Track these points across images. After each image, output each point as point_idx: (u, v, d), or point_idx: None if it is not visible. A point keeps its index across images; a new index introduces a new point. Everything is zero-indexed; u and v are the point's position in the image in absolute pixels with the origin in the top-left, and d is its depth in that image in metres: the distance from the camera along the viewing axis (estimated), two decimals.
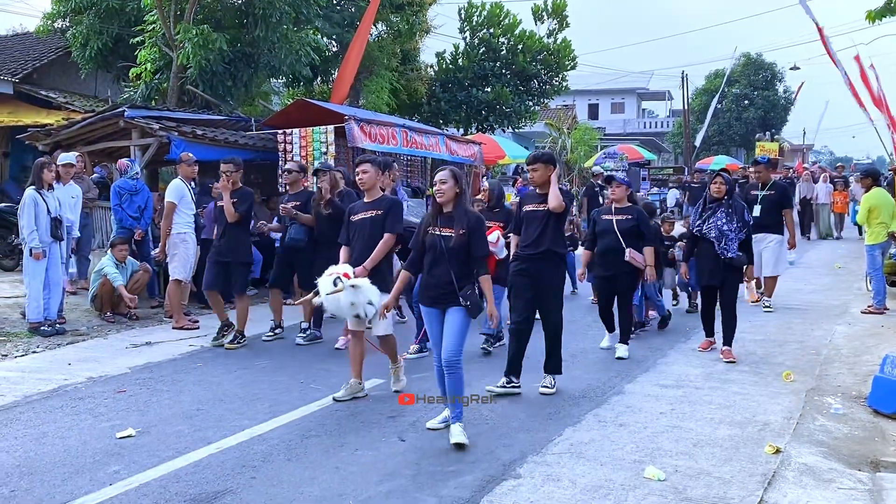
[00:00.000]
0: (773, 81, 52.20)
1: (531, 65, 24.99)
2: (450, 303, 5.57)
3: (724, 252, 7.71)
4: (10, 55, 19.23)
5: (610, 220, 8.16)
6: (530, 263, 6.65)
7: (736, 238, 7.75)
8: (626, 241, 7.98)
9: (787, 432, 5.71)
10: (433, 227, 5.70)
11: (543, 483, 4.78)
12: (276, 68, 16.34)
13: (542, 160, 6.71)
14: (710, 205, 7.96)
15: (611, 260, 8.04)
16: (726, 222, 7.77)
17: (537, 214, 6.70)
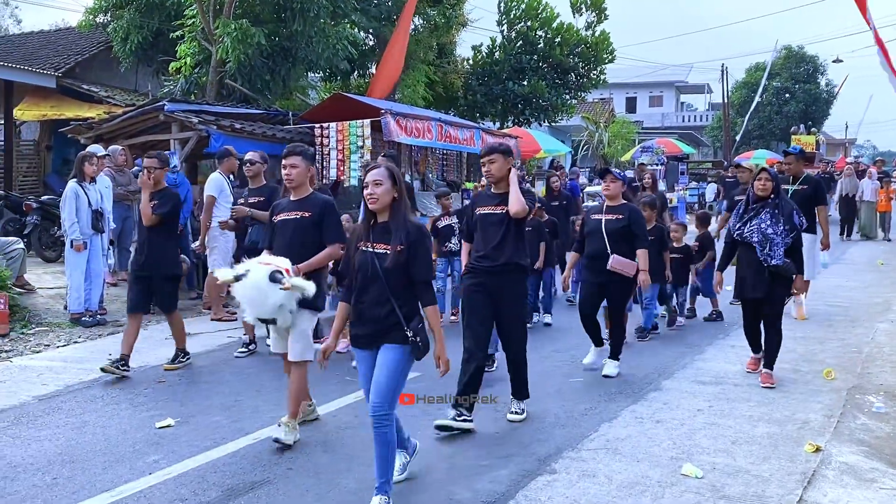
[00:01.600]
0: (815, 74, 51.32)
1: (568, 58, 24.85)
2: (387, 339, 4.32)
3: (767, 259, 6.60)
4: (54, 50, 19.55)
5: (598, 220, 7.19)
6: (488, 278, 5.68)
7: (782, 243, 6.61)
8: (613, 246, 6.99)
9: (827, 431, 5.62)
10: (365, 243, 4.40)
11: (579, 479, 4.76)
12: (314, 62, 16.42)
13: (499, 150, 5.76)
14: (753, 205, 6.81)
15: (600, 265, 7.04)
16: (771, 224, 6.63)
17: (494, 218, 5.74)
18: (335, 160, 12.44)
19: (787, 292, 6.94)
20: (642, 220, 7.23)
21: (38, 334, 8.89)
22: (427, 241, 4.49)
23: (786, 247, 6.65)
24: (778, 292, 6.78)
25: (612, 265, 6.90)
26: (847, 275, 13.53)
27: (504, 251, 5.65)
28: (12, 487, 4.70)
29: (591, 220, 7.31)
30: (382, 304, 4.30)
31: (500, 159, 5.69)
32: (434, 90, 22.38)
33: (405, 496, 4.57)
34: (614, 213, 7.12)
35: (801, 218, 6.74)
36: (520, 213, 5.59)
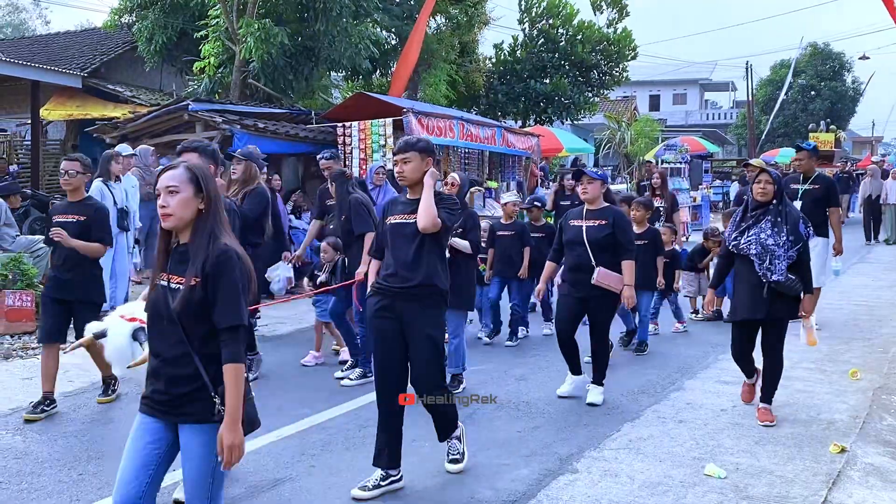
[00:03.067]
0: (841, 72, 50.75)
1: (591, 55, 24.75)
2: (188, 413, 3.12)
3: (766, 274, 5.59)
4: (79, 50, 19.75)
5: (579, 227, 6.28)
6: (398, 301, 4.65)
7: (785, 257, 5.60)
8: (597, 257, 6.15)
9: (853, 431, 5.57)
10: (161, 275, 3.19)
11: (601, 478, 4.75)
12: (336, 62, 16.48)
13: (416, 148, 4.71)
14: (752, 212, 5.82)
15: (582, 279, 6.19)
16: (772, 235, 5.62)
17: (407, 230, 4.68)
18: (357, 159, 12.48)
19: (792, 314, 5.78)
20: (629, 227, 6.43)
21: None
22: (236, 273, 3.09)
23: (790, 261, 5.62)
24: (779, 313, 5.72)
25: (597, 279, 6.07)
26: (873, 274, 13.39)
27: (419, 269, 4.62)
28: (39, 483, 4.76)
29: (570, 226, 6.38)
30: (180, 360, 3.08)
31: (417, 158, 4.68)
32: (456, 89, 22.38)
33: (427, 494, 4.58)
34: (596, 219, 6.25)
35: (809, 228, 5.80)
36: (428, 228, 4.56)
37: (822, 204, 8.68)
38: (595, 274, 6.09)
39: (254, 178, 6.95)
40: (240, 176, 6.88)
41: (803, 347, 7.66)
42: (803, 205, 8.39)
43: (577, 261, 6.25)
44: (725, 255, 6.06)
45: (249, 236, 6.58)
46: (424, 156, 4.71)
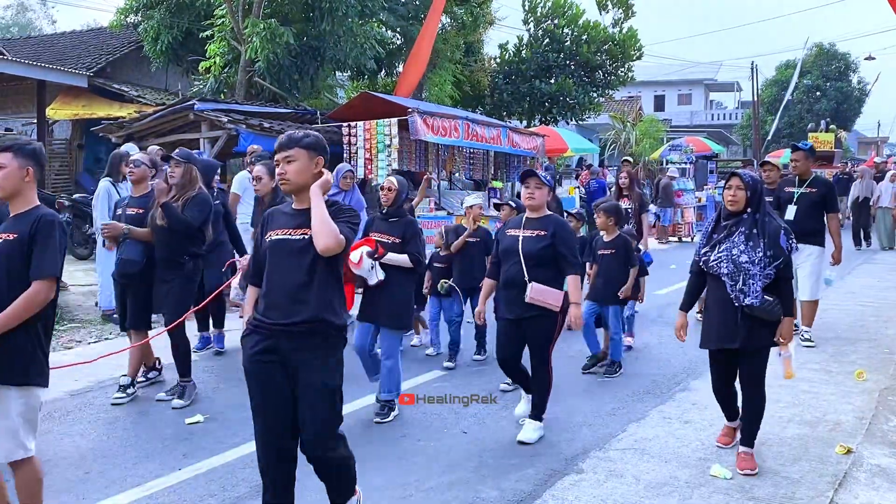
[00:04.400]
0: (847, 72, 50.67)
1: (595, 55, 24.73)
2: None
3: (739, 297, 4.78)
4: (85, 49, 19.80)
5: (515, 237, 5.47)
6: (282, 341, 3.67)
7: (761, 275, 4.76)
8: (532, 271, 5.34)
9: (859, 432, 5.55)
10: None
11: (607, 479, 4.75)
12: (342, 61, 16.51)
13: (301, 144, 3.76)
14: (724, 222, 4.98)
15: (516, 296, 5.37)
16: (746, 250, 4.78)
17: (291, 248, 3.72)
18: (363, 159, 12.49)
19: (771, 341, 4.93)
20: (571, 237, 5.56)
21: (70, 331, 9.01)
22: None
23: (767, 280, 4.78)
24: (757, 342, 4.87)
25: (531, 296, 5.28)
26: (879, 274, 13.35)
27: (307, 300, 3.66)
28: (46, 481, 4.74)
29: (506, 236, 5.56)
30: None
31: (303, 157, 3.75)
32: (461, 89, 22.38)
33: (432, 494, 4.58)
34: (535, 229, 5.43)
35: (792, 240, 4.90)
36: (331, 249, 3.62)
37: (819, 208, 8.12)
38: (528, 290, 5.28)
39: (194, 182, 6.42)
40: (178, 180, 6.32)
41: (804, 349, 7.69)
42: (799, 209, 8.02)
43: (511, 276, 5.44)
44: (696, 271, 5.12)
45: (189, 246, 6.31)
46: (313, 154, 3.77)
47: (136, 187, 6.70)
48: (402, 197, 6.18)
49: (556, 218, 5.59)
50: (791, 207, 8.10)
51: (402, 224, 6.06)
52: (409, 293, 6.10)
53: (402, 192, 6.16)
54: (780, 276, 4.82)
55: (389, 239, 5.95)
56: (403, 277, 5.98)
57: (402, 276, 5.96)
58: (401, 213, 6.15)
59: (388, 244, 5.91)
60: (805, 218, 7.99)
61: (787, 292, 4.89)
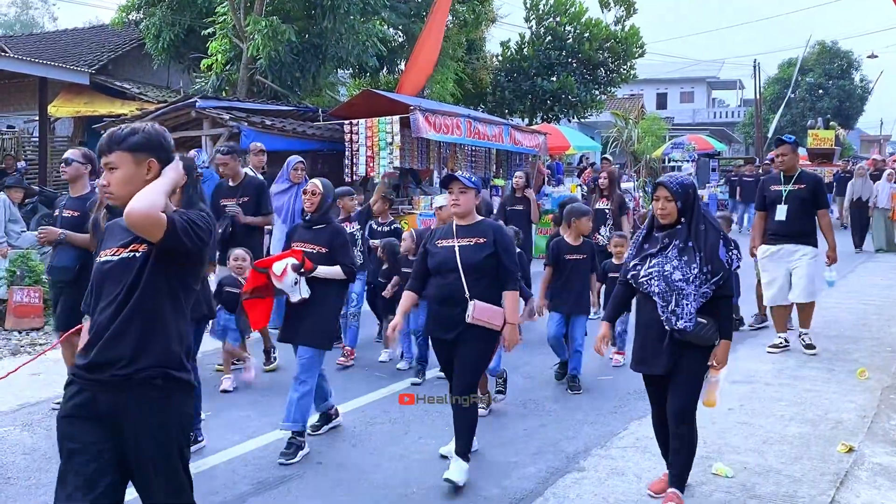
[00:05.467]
0: (849, 70, 50.58)
1: (598, 53, 24.69)
2: None
3: (670, 319, 4.17)
4: (87, 47, 19.81)
5: (450, 248, 4.77)
6: (103, 394, 2.80)
7: (696, 295, 4.15)
8: (474, 286, 4.67)
9: (860, 431, 5.55)
10: None
11: (608, 476, 4.74)
12: (344, 59, 16.51)
13: (122, 146, 2.87)
14: (655, 234, 4.38)
15: (453, 315, 4.69)
16: (680, 266, 4.18)
17: (114, 271, 2.85)
18: (364, 157, 12.48)
19: (703, 366, 4.30)
20: (512, 245, 4.91)
21: None
22: None
23: (704, 299, 4.17)
24: (687, 368, 4.24)
25: (474, 316, 4.60)
26: (882, 272, 13.33)
27: (128, 340, 2.77)
28: (46, 478, 4.77)
29: (437, 248, 4.84)
30: None
31: (128, 162, 2.87)
32: (463, 87, 22.36)
33: (434, 492, 4.58)
34: (471, 236, 4.76)
35: (733, 252, 4.26)
36: (133, 216, 2.71)
37: (809, 206, 7.63)
38: (470, 309, 4.60)
39: None
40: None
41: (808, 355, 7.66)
42: (790, 209, 7.59)
43: (448, 292, 4.71)
44: (624, 282, 4.51)
45: None
46: (141, 157, 2.87)
47: (72, 187, 6.16)
48: (328, 202, 5.49)
49: (492, 223, 4.96)
50: (781, 207, 7.64)
51: (328, 232, 5.39)
52: (333, 308, 5.44)
53: (328, 197, 5.48)
54: (718, 295, 4.20)
55: (314, 249, 5.32)
56: (328, 290, 5.31)
57: (327, 289, 5.30)
58: (326, 219, 5.47)
59: (314, 255, 5.29)
60: (797, 217, 7.60)
61: (725, 312, 4.27)
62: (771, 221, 7.75)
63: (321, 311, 5.28)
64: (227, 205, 7.42)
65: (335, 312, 5.55)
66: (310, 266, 5.20)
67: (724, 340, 4.25)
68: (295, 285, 5.15)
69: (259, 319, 5.48)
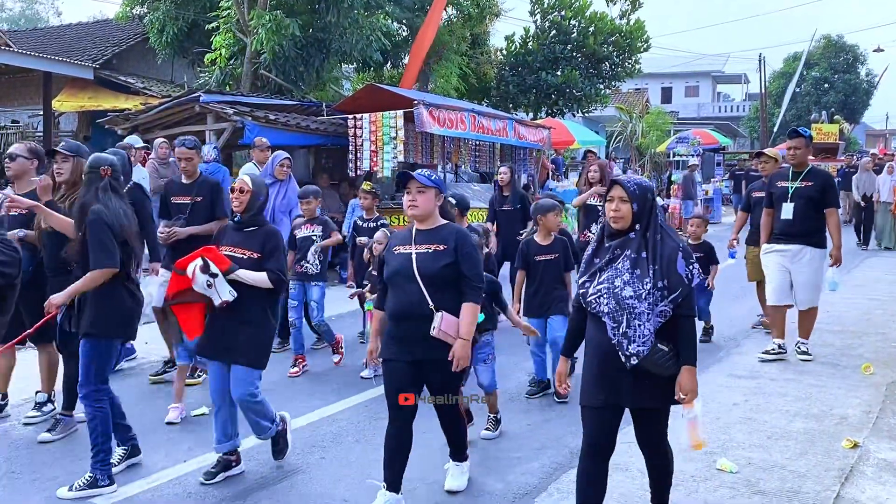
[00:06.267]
0: (855, 64, 50.51)
1: (602, 47, 24.62)
2: None
3: (622, 343, 3.58)
4: (91, 41, 19.80)
5: (407, 255, 4.24)
6: None
7: (653, 315, 3.57)
8: (436, 297, 4.17)
9: (865, 426, 5.53)
10: None
11: (612, 472, 4.69)
12: (348, 53, 16.47)
13: None
14: (607, 242, 3.77)
15: (414, 331, 4.19)
16: (632, 280, 3.60)
17: None
18: (368, 151, 12.46)
19: (668, 398, 3.70)
20: (475, 252, 4.32)
21: None
22: None
23: (661, 319, 3.59)
24: (647, 400, 3.74)
25: (440, 329, 4.11)
26: (887, 268, 13.30)
27: None
28: (51, 472, 4.79)
29: (393, 255, 4.32)
30: None
31: None
32: (467, 81, 22.31)
33: (437, 487, 4.58)
34: (430, 242, 4.24)
35: (693, 266, 3.64)
36: None
37: (817, 205, 7.21)
38: (436, 322, 4.11)
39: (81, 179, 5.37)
40: (67, 177, 5.46)
41: (811, 341, 7.63)
42: (797, 207, 7.18)
43: (406, 305, 4.21)
44: (577, 306, 3.87)
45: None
46: None
47: (17, 183, 5.81)
48: (259, 200, 4.89)
49: (456, 228, 4.37)
50: (787, 205, 7.23)
51: (260, 235, 4.84)
52: (265, 320, 4.84)
53: (259, 195, 4.89)
54: (678, 314, 3.60)
55: (244, 254, 4.76)
56: (260, 300, 4.78)
57: (260, 298, 4.77)
58: (258, 220, 4.92)
59: (243, 260, 4.74)
60: (804, 216, 7.19)
61: (687, 334, 3.65)
62: (777, 220, 7.36)
63: (253, 325, 4.74)
64: (179, 203, 6.92)
65: (267, 325, 4.86)
66: (224, 266, 4.63)
67: (686, 367, 3.62)
68: (209, 288, 4.58)
69: (193, 327, 4.76)
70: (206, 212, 6.93)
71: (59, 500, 4.44)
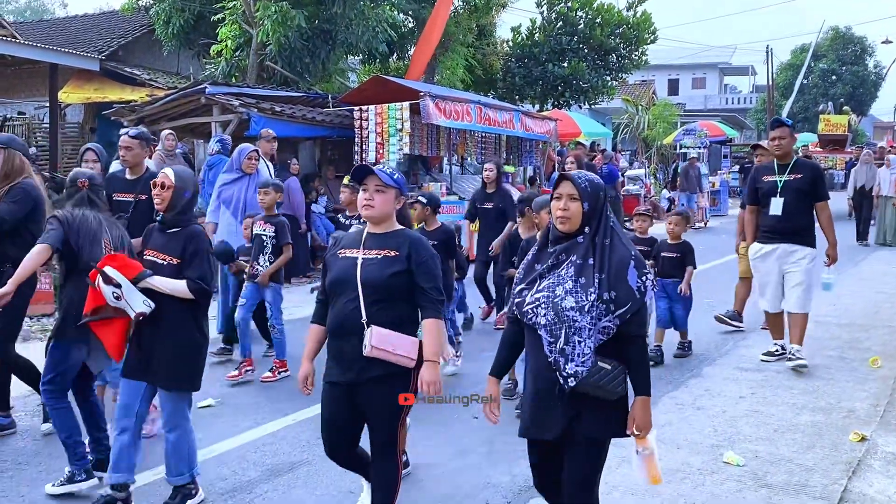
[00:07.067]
0: (863, 56, 50.30)
1: (609, 39, 24.54)
2: None
3: (559, 361, 3.10)
4: (97, 33, 19.81)
5: (352, 259, 3.66)
6: None
7: (595, 330, 3.10)
8: (373, 310, 3.56)
9: (873, 420, 5.51)
10: None
11: (618, 465, 4.72)
12: (353, 45, 16.45)
13: None
14: (551, 247, 3.29)
15: (349, 349, 3.59)
16: (574, 290, 3.13)
17: None
18: (374, 143, 12.45)
19: (614, 428, 3.24)
20: (432, 261, 3.68)
21: None
22: None
23: (605, 336, 3.10)
24: (585, 431, 3.17)
25: (372, 346, 3.50)
26: (893, 261, 13.24)
27: None
28: (57, 465, 4.79)
29: (336, 260, 3.72)
30: None
31: None
32: (473, 72, 22.27)
33: (444, 479, 4.58)
34: (380, 248, 3.64)
35: (646, 277, 3.15)
36: None
37: (807, 198, 6.76)
38: (368, 338, 3.50)
39: (18, 171, 5.27)
40: None
41: (819, 333, 7.61)
42: (786, 202, 6.73)
43: (343, 318, 3.60)
44: (513, 318, 3.36)
45: (9, 248, 5.09)
46: None
47: None
48: (185, 197, 4.27)
49: (412, 235, 3.77)
50: (776, 200, 6.78)
51: (182, 238, 4.24)
52: (192, 334, 4.26)
53: (185, 191, 4.27)
54: (626, 333, 3.12)
55: (165, 259, 4.21)
56: (186, 312, 4.22)
57: (185, 309, 4.21)
58: (183, 220, 4.27)
59: (164, 266, 4.19)
60: (794, 212, 6.73)
61: (637, 357, 3.19)
62: (764, 217, 6.88)
63: (173, 338, 4.17)
64: (121, 200, 6.04)
65: (193, 339, 4.27)
66: (132, 274, 4.08)
67: (639, 397, 3.18)
68: (119, 300, 4.04)
69: (115, 345, 4.22)
70: (150, 212, 5.73)
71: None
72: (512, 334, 3.40)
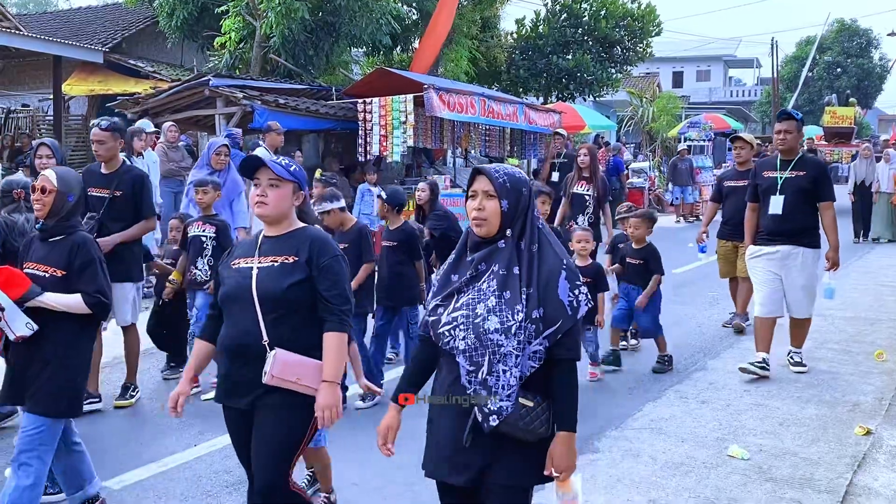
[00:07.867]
0: (868, 48, 50.10)
1: (614, 31, 24.45)
2: None
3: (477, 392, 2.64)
4: (101, 25, 19.80)
5: (246, 269, 3.20)
6: None
7: (521, 356, 2.59)
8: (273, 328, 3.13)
9: (878, 413, 5.50)
10: None
11: (623, 458, 4.72)
12: (357, 37, 16.41)
13: None
14: (469, 255, 2.75)
15: (242, 372, 3.17)
16: (498, 307, 2.61)
17: None
18: (378, 135, 12.44)
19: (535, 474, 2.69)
20: (338, 265, 3.23)
21: None
22: None
23: (536, 363, 2.61)
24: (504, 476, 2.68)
25: (272, 374, 3.07)
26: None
27: None
28: None
29: (229, 270, 3.27)
30: None
31: None
32: (477, 65, 22.20)
33: None
34: (277, 254, 3.20)
35: (580, 291, 2.63)
36: None
37: (810, 197, 6.29)
38: (269, 363, 3.07)
39: None
40: None
41: (823, 327, 7.58)
42: (787, 201, 6.25)
43: (238, 337, 3.17)
44: (425, 338, 2.87)
45: None
46: None
47: None
48: (69, 202, 3.84)
49: (312, 234, 3.28)
50: (776, 199, 6.31)
51: (65, 247, 3.81)
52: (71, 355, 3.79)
53: (69, 195, 3.84)
54: (556, 356, 2.62)
55: (47, 272, 3.75)
56: (67, 332, 3.78)
57: (66, 330, 3.77)
58: (67, 227, 3.85)
59: (45, 279, 3.73)
60: (795, 211, 6.25)
61: (565, 385, 2.65)
62: (764, 216, 6.43)
63: (49, 360, 3.71)
64: (95, 196, 5.76)
65: (72, 361, 3.80)
66: (16, 293, 3.62)
67: (561, 433, 2.63)
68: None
69: None
70: (127, 209, 5.82)
71: None
72: (423, 357, 2.91)
